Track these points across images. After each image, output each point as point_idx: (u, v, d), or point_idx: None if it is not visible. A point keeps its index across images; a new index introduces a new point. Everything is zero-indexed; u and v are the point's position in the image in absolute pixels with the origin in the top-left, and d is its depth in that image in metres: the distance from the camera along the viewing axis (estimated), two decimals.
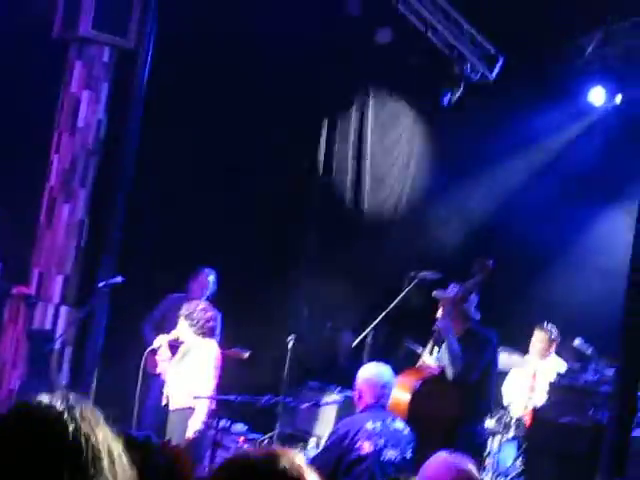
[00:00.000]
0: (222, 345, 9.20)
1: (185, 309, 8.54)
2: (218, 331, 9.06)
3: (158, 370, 9.19)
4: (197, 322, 8.41)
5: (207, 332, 8.48)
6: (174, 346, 9.08)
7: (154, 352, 9.18)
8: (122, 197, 10.50)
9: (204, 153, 11.35)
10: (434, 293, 8.49)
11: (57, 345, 10.26)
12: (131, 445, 1.94)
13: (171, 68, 10.87)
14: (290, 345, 10.51)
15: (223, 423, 10.80)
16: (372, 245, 12.09)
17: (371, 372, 6.90)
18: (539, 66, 10.92)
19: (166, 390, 8.58)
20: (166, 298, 10.28)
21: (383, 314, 8.88)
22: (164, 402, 8.76)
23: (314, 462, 6.67)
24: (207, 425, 8.33)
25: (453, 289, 8.38)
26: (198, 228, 11.35)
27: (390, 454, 6.60)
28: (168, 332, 9.20)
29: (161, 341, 8.89)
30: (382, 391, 6.76)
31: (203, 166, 11.37)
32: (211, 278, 10.23)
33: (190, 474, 2.99)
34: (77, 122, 10.91)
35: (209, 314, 8.55)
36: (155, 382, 9.41)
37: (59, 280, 10.76)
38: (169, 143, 11.00)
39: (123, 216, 10.49)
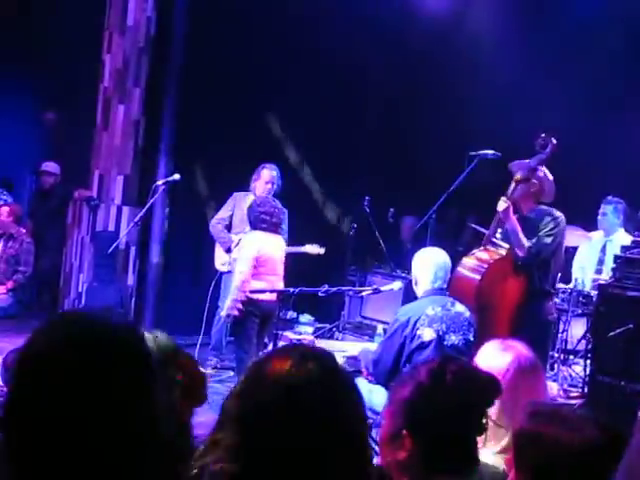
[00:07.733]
0: (295, 242, 9.20)
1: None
2: (285, 227, 8.97)
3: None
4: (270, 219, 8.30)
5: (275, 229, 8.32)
6: None
7: (229, 250, 9.19)
8: (175, 94, 10.39)
9: (255, 40, 11.20)
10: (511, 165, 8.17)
11: (122, 246, 10.33)
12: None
13: None
14: (351, 234, 10.49)
15: (290, 314, 10.95)
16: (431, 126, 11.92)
17: (425, 257, 6.78)
18: None
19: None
20: (232, 196, 9.98)
21: (445, 196, 8.71)
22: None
23: (377, 351, 6.66)
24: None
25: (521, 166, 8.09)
26: (255, 121, 11.25)
27: (453, 339, 6.51)
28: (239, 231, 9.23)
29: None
30: (438, 275, 6.65)
31: (254, 55, 11.22)
32: (275, 174, 9.73)
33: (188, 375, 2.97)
34: (127, 21, 10.83)
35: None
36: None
37: (119, 181, 10.79)
38: (217, 34, 10.88)
39: (178, 114, 10.40)
